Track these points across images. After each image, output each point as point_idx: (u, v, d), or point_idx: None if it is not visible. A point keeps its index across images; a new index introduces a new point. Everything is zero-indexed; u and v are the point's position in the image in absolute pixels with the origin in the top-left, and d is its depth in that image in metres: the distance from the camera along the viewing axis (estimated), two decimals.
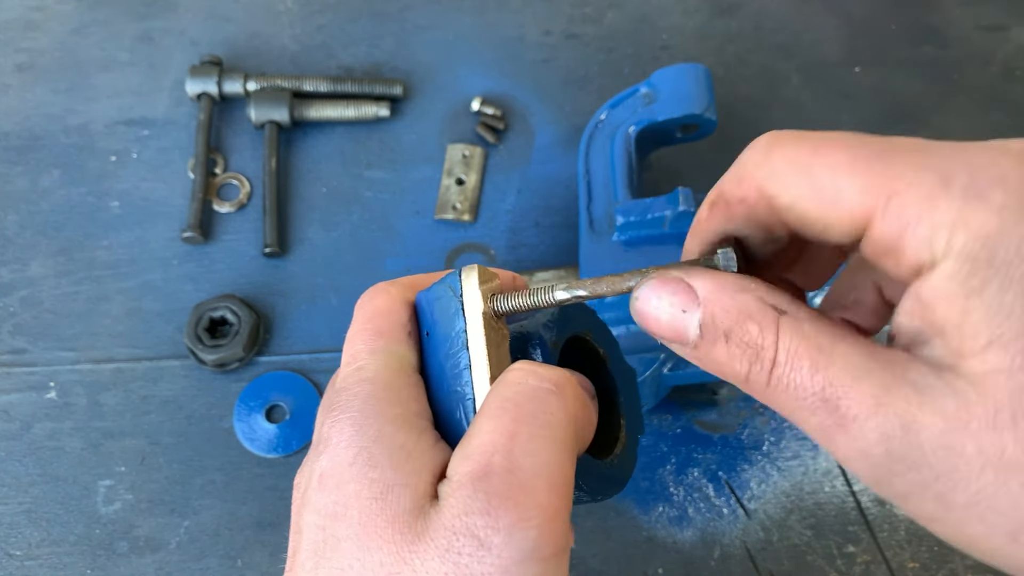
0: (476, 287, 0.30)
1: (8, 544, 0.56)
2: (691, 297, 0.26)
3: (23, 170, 0.68)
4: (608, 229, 0.57)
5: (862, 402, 0.23)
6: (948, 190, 0.23)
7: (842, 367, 0.24)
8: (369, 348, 0.31)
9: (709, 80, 0.59)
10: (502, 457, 0.26)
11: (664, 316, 0.27)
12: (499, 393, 0.28)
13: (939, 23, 0.76)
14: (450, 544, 0.26)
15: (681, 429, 0.59)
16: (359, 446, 0.28)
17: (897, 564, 0.55)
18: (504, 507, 0.26)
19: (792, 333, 0.25)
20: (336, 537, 0.27)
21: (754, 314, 0.25)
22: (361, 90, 0.70)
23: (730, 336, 0.25)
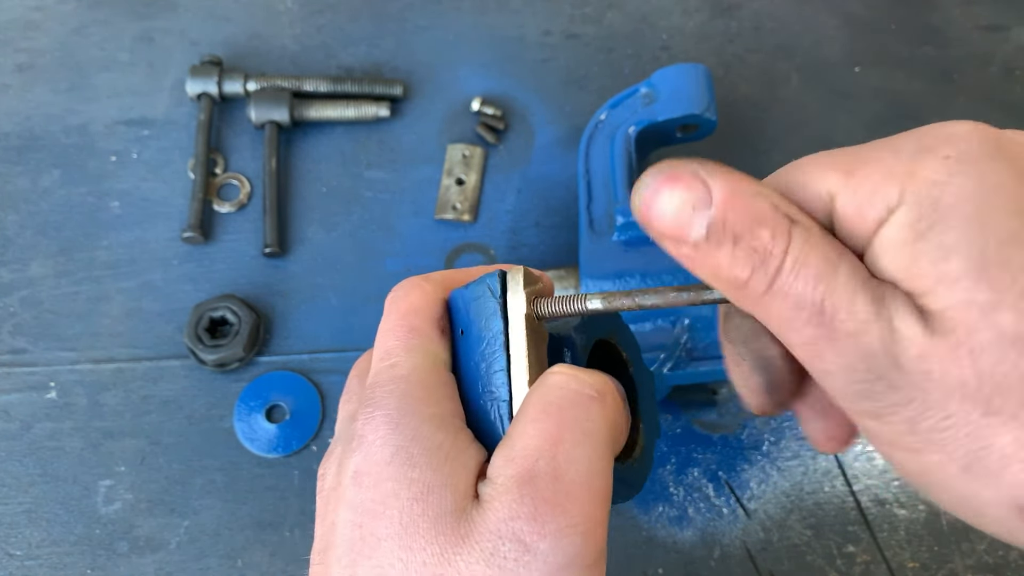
0: (521, 289, 0.30)
1: (8, 544, 0.56)
2: (705, 195, 0.25)
3: (23, 170, 0.68)
4: (608, 229, 0.57)
5: (856, 317, 0.24)
6: (898, 154, 0.24)
7: (843, 282, 0.24)
8: (404, 345, 0.31)
9: (709, 80, 0.59)
10: (547, 463, 0.26)
11: (670, 210, 0.26)
12: (542, 396, 0.28)
13: (939, 23, 0.76)
14: (495, 548, 0.26)
15: (681, 429, 0.59)
16: (396, 445, 0.28)
17: (897, 564, 0.55)
18: (550, 513, 0.26)
19: (803, 242, 0.25)
20: (375, 536, 0.27)
21: (767, 219, 0.25)
22: (361, 90, 0.70)
23: (739, 240, 0.25)
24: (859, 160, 0.25)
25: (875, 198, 0.24)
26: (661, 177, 0.26)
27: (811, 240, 0.25)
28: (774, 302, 0.25)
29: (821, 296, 0.24)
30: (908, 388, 0.23)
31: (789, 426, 0.59)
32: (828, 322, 0.24)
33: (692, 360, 0.52)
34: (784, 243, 0.25)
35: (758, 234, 0.25)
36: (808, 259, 0.24)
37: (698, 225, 0.25)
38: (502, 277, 0.31)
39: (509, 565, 0.25)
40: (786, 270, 0.24)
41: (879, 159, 0.25)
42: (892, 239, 0.24)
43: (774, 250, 0.25)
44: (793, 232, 0.25)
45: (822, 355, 0.24)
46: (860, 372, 0.24)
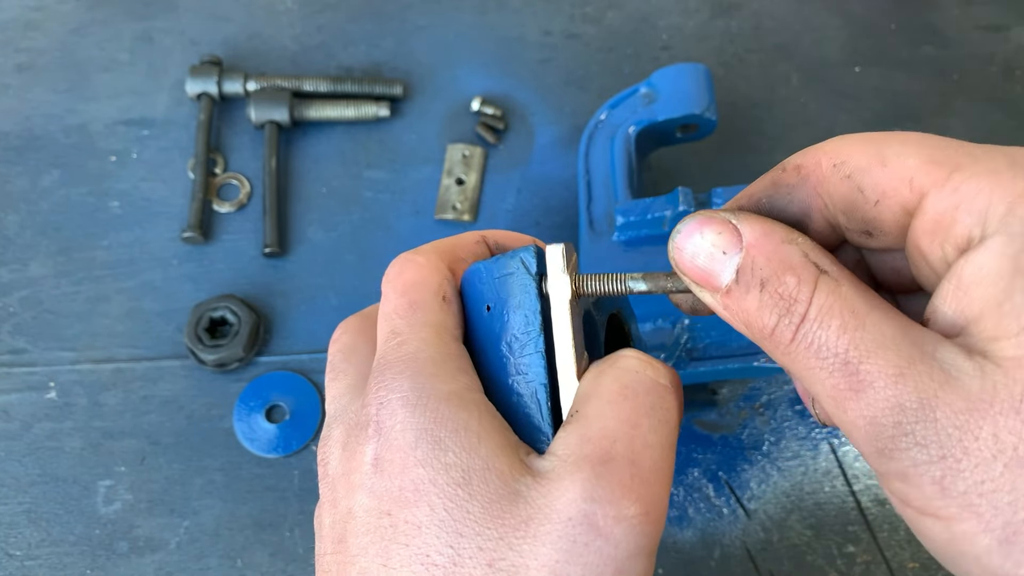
0: (564, 269, 0.29)
1: (8, 544, 0.56)
2: (735, 239, 0.25)
3: (23, 170, 0.68)
4: (608, 229, 0.56)
5: (883, 370, 0.23)
6: (1013, 167, 0.23)
7: (871, 333, 0.23)
8: (407, 322, 0.30)
9: (709, 80, 0.59)
10: (624, 446, 0.26)
11: (702, 255, 0.26)
12: (618, 379, 0.28)
13: (939, 23, 0.76)
14: (564, 531, 0.25)
15: (681, 429, 0.59)
16: (419, 428, 0.27)
17: (897, 564, 0.55)
18: (627, 498, 0.25)
19: (828, 291, 0.24)
20: (412, 524, 0.26)
21: (795, 266, 0.24)
22: (361, 90, 0.70)
23: (766, 285, 0.25)
24: (964, 157, 0.24)
25: (973, 208, 0.23)
26: (693, 223, 0.26)
27: (839, 290, 0.24)
28: (799, 351, 0.24)
29: (845, 347, 0.23)
30: (942, 444, 0.22)
31: (789, 426, 0.59)
32: (853, 373, 0.23)
33: (692, 360, 0.52)
34: (809, 291, 0.24)
35: (784, 280, 0.24)
36: (833, 308, 0.24)
37: (728, 269, 0.25)
38: (538, 254, 0.29)
39: (579, 549, 0.24)
40: (811, 319, 0.24)
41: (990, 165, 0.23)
42: (986, 267, 0.22)
43: (799, 297, 0.24)
44: (820, 281, 0.24)
45: (846, 408, 0.24)
46: (887, 427, 0.23)
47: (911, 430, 0.22)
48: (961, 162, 0.24)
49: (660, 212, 0.53)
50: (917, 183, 0.24)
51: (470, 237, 0.34)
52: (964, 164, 0.23)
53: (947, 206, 0.23)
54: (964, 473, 0.21)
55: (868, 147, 0.25)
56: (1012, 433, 0.21)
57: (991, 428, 0.21)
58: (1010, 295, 0.22)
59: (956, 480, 0.22)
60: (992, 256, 0.22)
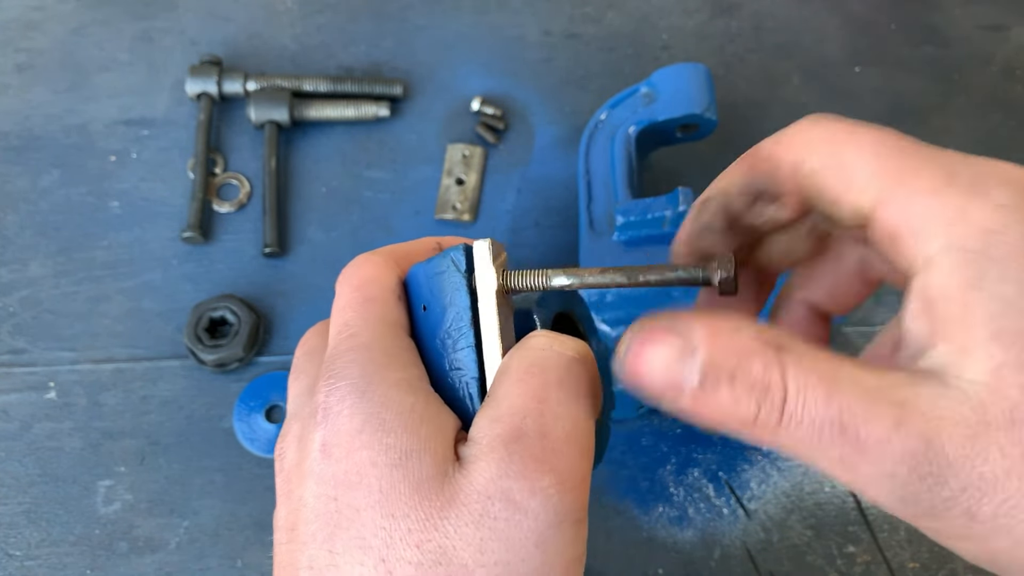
0: (490, 264, 0.29)
1: (8, 544, 0.56)
2: (686, 342, 0.25)
3: (23, 170, 0.68)
4: (608, 229, 0.56)
5: (882, 423, 0.23)
6: (951, 186, 0.23)
7: (854, 392, 0.23)
8: (361, 315, 0.30)
9: (709, 80, 0.59)
10: (534, 421, 0.26)
11: (658, 367, 0.25)
12: (525, 357, 0.28)
13: (939, 23, 0.76)
14: (485, 509, 0.25)
15: (681, 429, 0.59)
16: (366, 412, 0.27)
17: (897, 564, 0.55)
18: (540, 471, 0.25)
19: (797, 364, 0.24)
20: (353, 507, 0.26)
21: (755, 350, 0.24)
22: (361, 90, 0.70)
23: (735, 377, 0.24)
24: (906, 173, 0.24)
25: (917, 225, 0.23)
26: (638, 340, 0.26)
27: (804, 362, 0.24)
28: (790, 431, 0.24)
29: (837, 412, 0.23)
30: (959, 477, 0.22)
31: None
32: (854, 436, 0.23)
33: None
34: (779, 371, 0.24)
35: (750, 368, 0.24)
36: (810, 380, 0.23)
37: (692, 372, 0.25)
38: (467, 251, 0.30)
39: (500, 525, 0.25)
40: (791, 396, 0.24)
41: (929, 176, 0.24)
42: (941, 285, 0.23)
43: (771, 379, 0.24)
44: (784, 358, 0.24)
45: (856, 470, 0.23)
46: (902, 476, 0.23)
47: (927, 472, 0.22)
48: (906, 178, 0.24)
49: (660, 212, 0.53)
50: (869, 193, 0.25)
51: (426, 243, 0.35)
52: (908, 179, 0.24)
53: (895, 222, 0.24)
54: (987, 497, 0.22)
55: (828, 147, 0.26)
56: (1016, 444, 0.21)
57: (996, 448, 0.21)
58: (968, 311, 0.22)
59: (981, 506, 0.22)
60: (942, 276, 0.23)
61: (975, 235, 0.22)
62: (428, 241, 0.35)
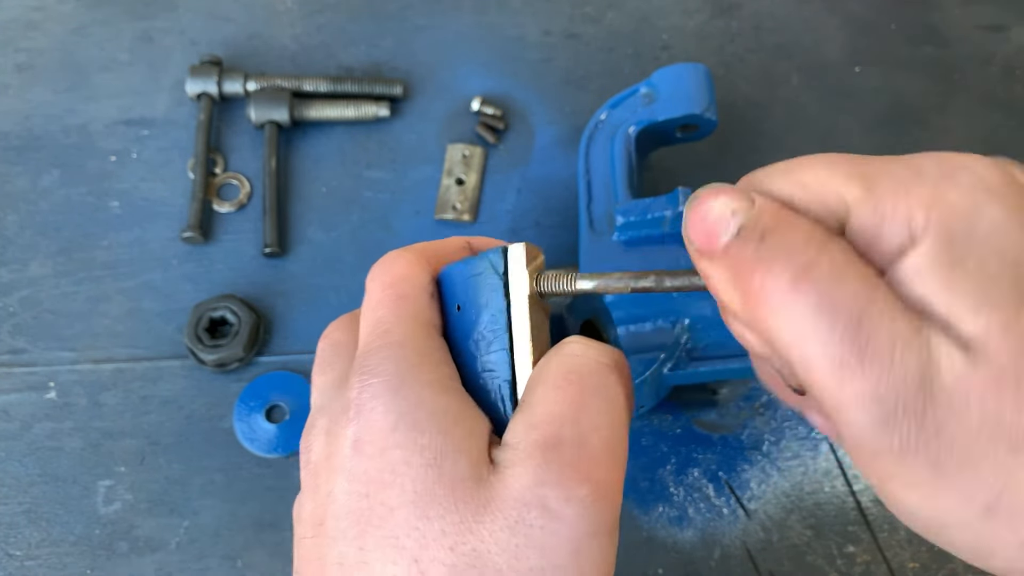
0: (524, 267, 0.30)
1: (8, 544, 0.56)
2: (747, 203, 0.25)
3: (23, 170, 0.68)
4: (608, 229, 0.56)
5: (892, 339, 0.22)
6: (920, 176, 0.24)
7: (883, 298, 0.23)
8: (394, 313, 0.30)
9: (709, 80, 0.59)
10: (571, 429, 0.26)
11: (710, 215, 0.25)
12: (562, 364, 0.28)
13: (939, 23, 0.76)
14: (521, 515, 0.25)
15: (681, 429, 0.59)
16: (400, 411, 0.27)
17: (897, 564, 0.55)
18: (577, 479, 0.25)
19: (843, 250, 0.24)
20: (386, 505, 0.26)
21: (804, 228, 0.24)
22: (361, 90, 0.70)
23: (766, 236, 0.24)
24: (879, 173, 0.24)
25: (898, 217, 0.23)
26: (710, 189, 0.26)
27: (849, 257, 0.24)
28: (799, 306, 0.23)
29: (861, 307, 0.22)
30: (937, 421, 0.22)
31: (789, 426, 0.59)
32: (865, 338, 0.22)
33: (692, 360, 0.52)
34: (818, 245, 0.23)
35: (789, 235, 0.24)
36: (847, 268, 0.23)
37: (731, 227, 0.24)
38: (505, 254, 0.30)
39: (535, 532, 0.25)
40: (822, 270, 0.23)
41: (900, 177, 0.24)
42: (924, 266, 0.23)
43: (807, 250, 0.23)
44: (832, 242, 0.24)
45: (849, 377, 0.23)
46: (889, 401, 0.22)
47: (910, 406, 0.22)
48: (874, 177, 0.24)
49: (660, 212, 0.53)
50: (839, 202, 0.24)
51: (456, 242, 0.35)
52: (878, 179, 0.24)
53: (872, 223, 0.24)
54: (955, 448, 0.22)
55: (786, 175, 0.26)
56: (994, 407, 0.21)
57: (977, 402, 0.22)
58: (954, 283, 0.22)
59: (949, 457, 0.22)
60: (927, 257, 0.23)
61: (954, 216, 0.23)
62: (458, 240, 0.35)
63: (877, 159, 0.25)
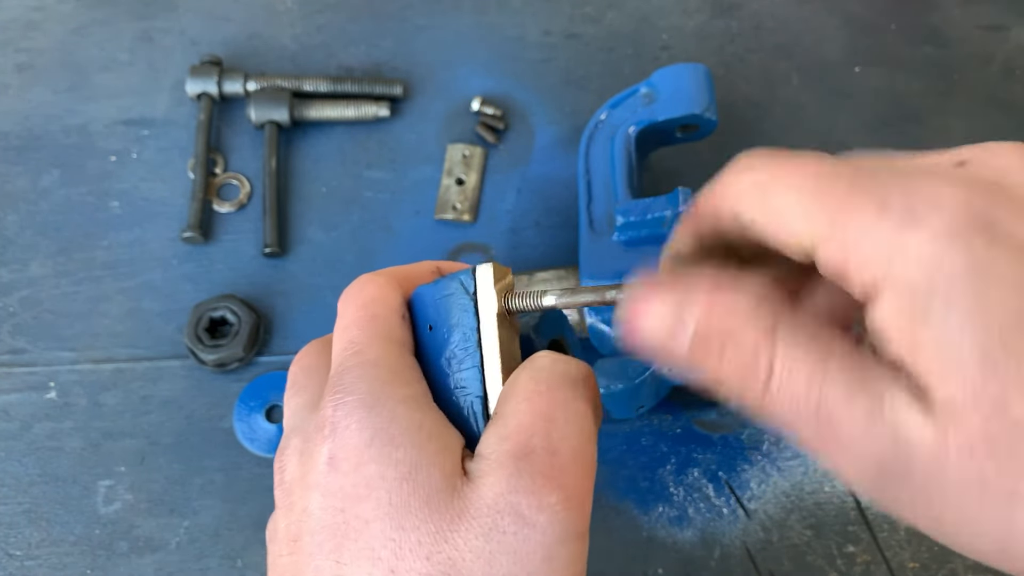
0: (491, 286, 0.30)
1: (8, 544, 0.56)
2: (684, 303, 0.25)
3: (23, 170, 0.68)
4: (608, 229, 0.56)
5: (855, 422, 0.23)
6: (884, 216, 0.23)
7: (836, 382, 0.23)
8: (367, 333, 0.31)
9: (709, 80, 0.59)
10: (542, 439, 0.27)
11: (654, 326, 0.26)
12: (532, 377, 0.28)
13: (939, 23, 0.76)
14: (494, 522, 0.26)
15: (681, 429, 0.59)
16: (375, 427, 0.28)
17: (897, 564, 0.55)
18: (548, 487, 0.26)
19: (789, 341, 0.24)
20: (362, 519, 0.27)
21: (751, 320, 0.24)
22: (361, 90, 0.70)
23: (724, 347, 0.25)
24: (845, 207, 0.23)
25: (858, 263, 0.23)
26: (640, 295, 0.26)
27: (798, 339, 0.24)
28: (773, 406, 0.24)
29: (816, 399, 0.23)
30: (923, 488, 0.22)
31: None
32: (830, 424, 0.23)
33: None
34: (769, 345, 0.24)
35: (742, 338, 0.24)
36: (797, 360, 0.24)
37: (682, 336, 0.25)
38: (474, 274, 0.31)
39: (508, 539, 0.26)
40: (776, 374, 0.24)
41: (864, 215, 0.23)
42: (887, 320, 0.23)
43: (761, 353, 0.24)
44: (778, 332, 0.24)
45: (832, 456, 0.24)
46: (872, 475, 0.23)
47: (893, 471, 0.23)
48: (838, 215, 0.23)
49: (660, 212, 0.53)
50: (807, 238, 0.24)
51: (426, 266, 0.35)
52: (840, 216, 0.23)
53: (838, 261, 0.24)
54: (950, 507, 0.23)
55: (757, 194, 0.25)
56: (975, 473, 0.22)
57: (956, 470, 0.22)
58: (918, 345, 0.22)
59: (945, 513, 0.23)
60: (889, 311, 0.22)
61: (914, 268, 0.22)
62: (428, 264, 0.36)
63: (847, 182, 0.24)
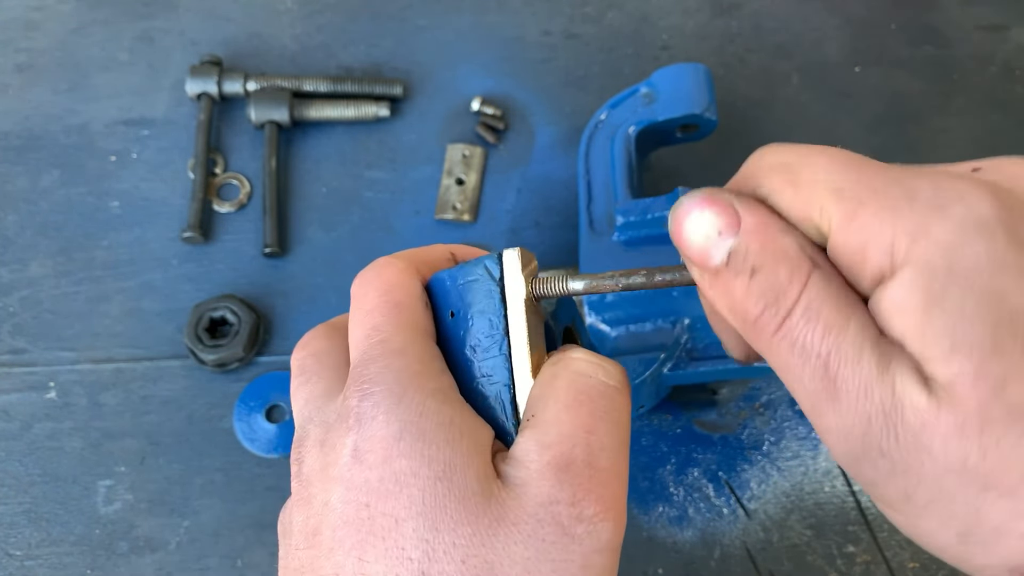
0: (520, 272, 0.30)
1: (8, 544, 0.56)
2: (733, 221, 0.25)
3: (23, 170, 0.68)
4: (608, 229, 0.56)
5: (859, 379, 0.23)
6: (911, 203, 0.23)
7: (853, 338, 0.23)
8: (391, 321, 0.30)
9: (709, 80, 0.59)
10: (583, 451, 0.27)
11: (699, 233, 0.26)
12: (573, 383, 0.28)
13: (939, 23, 0.76)
14: (534, 531, 0.26)
15: (681, 429, 0.59)
16: (403, 420, 0.27)
17: (897, 564, 0.55)
18: (588, 499, 0.26)
19: (819, 288, 0.24)
20: (390, 516, 0.26)
21: (790, 258, 0.25)
22: (361, 90, 0.70)
23: (756, 272, 0.25)
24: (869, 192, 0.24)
25: (881, 243, 0.23)
26: (695, 199, 0.26)
27: (828, 288, 0.24)
28: (781, 346, 0.24)
29: (828, 349, 0.24)
30: (903, 459, 0.23)
31: (789, 426, 0.59)
32: (832, 378, 0.23)
33: (692, 360, 0.52)
34: (799, 285, 0.24)
35: (776, 270, 0.24)
36: (821, 307, 0.24)
37: (721, 251, 0.25)
38: (500, 259, 0.30)
39: (548, 548, 0.26)
40: (796, 314, 0.24)
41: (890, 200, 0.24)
42: (902, 299, 0.23)
43: (789, 290, 0.24)
44: (812, 276, 0.24)
45: (822, 412, 0.24)
46: (856, 437, 0.23)
47: (877, 443, 0.23)
48: (863, 196, 0.24)
49: (660, 212, 0.53)
50: (826, 213, 0.25)
51: (441, 250, 0.35)
52: (866, 199, 0.24)
53: (856, 242, 0.24)
54: (923, 483, 0.23)
55: (780, 173, 0.26)
56: (959, 451, 0.22)
57: (941, 446, 0.22)
58: (928, 324, 0.22)
59: (917, 489, 0.23)
60: (904, 290, 0.23)
61: (937, 251, 0.22)
62: (441, 248, 0.35)
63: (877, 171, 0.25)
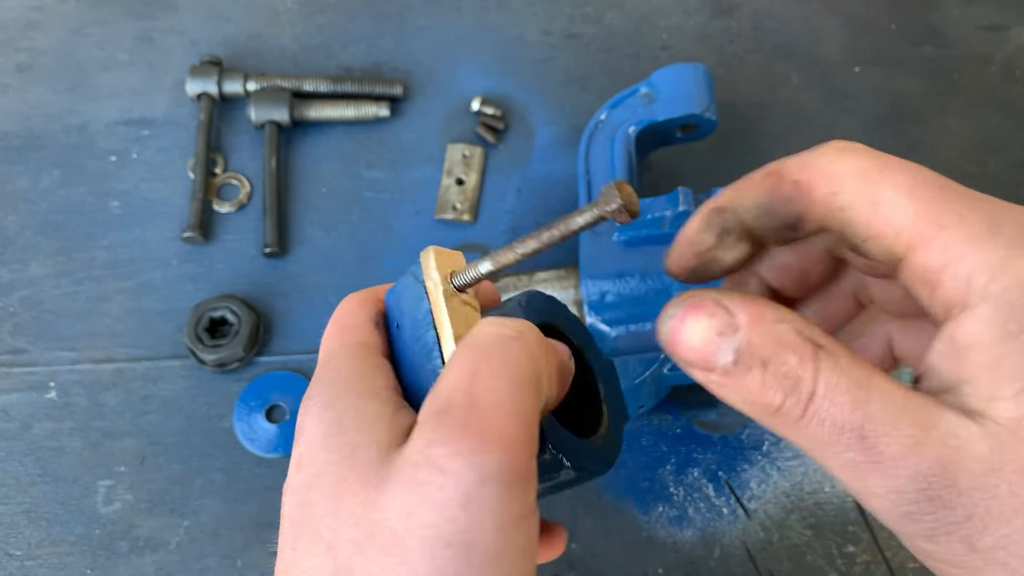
0: (433, 267, 0.32)
1: (8, 544, 0.56)
2: (730, 321, 0.26)
3: (23, 170, 0.68)
4: (608, 229, 0.56)
5: (901, 441, 0.23)
6: (995, 236, 0.23)
7: (880, 405, 0.24)
8: (338, 342, 0.33)
9: (709, 80, 0.59)
10: (463, 393, 0.27)
11: (697, 339, 0.26)
12: (464, 343, 0.29)
13: (939, 23, 0.76)
14: (413, 476, 0.26)
15: (681, 429, 0.59)
16: (329, 420, 0.29)
17: (897, 564, 0.55)
18: (462, 434, 0.26)
19: (831, 367, 0.24)
20: (309, 504, 0.28)
21: (793, 344, 0.25)
22: (361, 90, 0.70)
23: (768, 365, 0.25)
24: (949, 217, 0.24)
25: (958, 272, 0.24)
26: (684, 307, 0.26)
27: (840, 364, 0.24)
28: (810, 428, 0.24)
29: (861, 420, 0.24)
30: (966, 506, 0.23)
31: None
32: (871, 446, 0.23)
33: None
34: (812, 368, 0.24)
35: (786, 359, 0.25)
36: (840, 384, 0.24)
37: (725, 351, 0.25)
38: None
39: (425, 490, 0.26)
40: (819, 395, 0.24)
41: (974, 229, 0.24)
42: (975, 333, 0.23)
43: (804, 375, 0.24)
44: (820, 357, 0.25)
45: (866, 479, 0.24)
46: (910, 494, 0.23)
47: (936, 495, 0.23)
48: (946, 222, 0.24)
49: (660, 212, 0.53)
50: (905, 235, 0.25)
51: None
52: (949, 224, 0.24)
53: (934, 266, 0.24)
54: (989, 529, 0.23)
55: (863, 184, 0.26)
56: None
57: (1007, 486, 0.22)
58: (1002, 361, 0.23)
59: (983, 537, 0.23)
60: (980, 324, 0.23)
61: (1016, 286, 0.23)
62: None
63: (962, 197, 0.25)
